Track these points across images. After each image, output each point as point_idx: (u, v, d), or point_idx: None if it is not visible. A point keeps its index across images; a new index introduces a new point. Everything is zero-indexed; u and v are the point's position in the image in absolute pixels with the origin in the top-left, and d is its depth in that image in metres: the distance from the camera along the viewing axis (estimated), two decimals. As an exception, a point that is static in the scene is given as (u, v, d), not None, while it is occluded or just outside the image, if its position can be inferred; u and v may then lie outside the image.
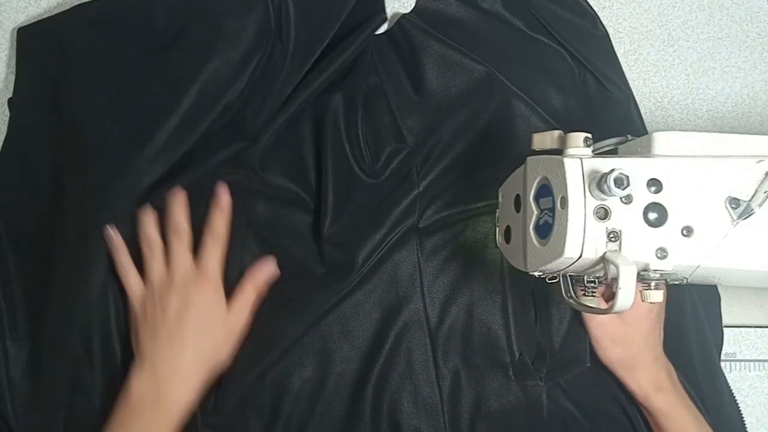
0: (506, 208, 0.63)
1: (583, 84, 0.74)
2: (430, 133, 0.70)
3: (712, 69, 0.80)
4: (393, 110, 0.70)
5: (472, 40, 0.72)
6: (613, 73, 0.74)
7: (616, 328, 0.64)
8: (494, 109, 0.70)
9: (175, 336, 0.59)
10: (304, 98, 0.67)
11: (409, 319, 0.65)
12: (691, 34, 0.81)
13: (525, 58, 0.73)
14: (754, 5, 0.81)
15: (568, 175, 0.50)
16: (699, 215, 0.51)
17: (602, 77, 0.73)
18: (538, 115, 0.70)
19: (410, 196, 0.67)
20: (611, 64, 0.75)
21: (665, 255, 0.50)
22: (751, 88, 0.80)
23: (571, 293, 0.59)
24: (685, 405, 0.64)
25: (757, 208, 0.51)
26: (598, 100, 0.74)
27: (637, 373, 0.64)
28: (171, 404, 0.58)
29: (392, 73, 0.71)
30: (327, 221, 0.65)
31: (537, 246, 0.54)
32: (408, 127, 0.70)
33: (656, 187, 0.51)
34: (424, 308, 0.66)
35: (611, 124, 0.72)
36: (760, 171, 0.52)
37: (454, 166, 0.69)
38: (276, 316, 0.63)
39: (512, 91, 0.70)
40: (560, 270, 0.53)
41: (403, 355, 0.64)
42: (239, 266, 0.64)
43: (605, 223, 0.50)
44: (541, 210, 0.54)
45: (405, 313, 0.65)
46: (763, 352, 0.78)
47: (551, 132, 0.55)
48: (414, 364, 0.64)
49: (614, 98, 0.74)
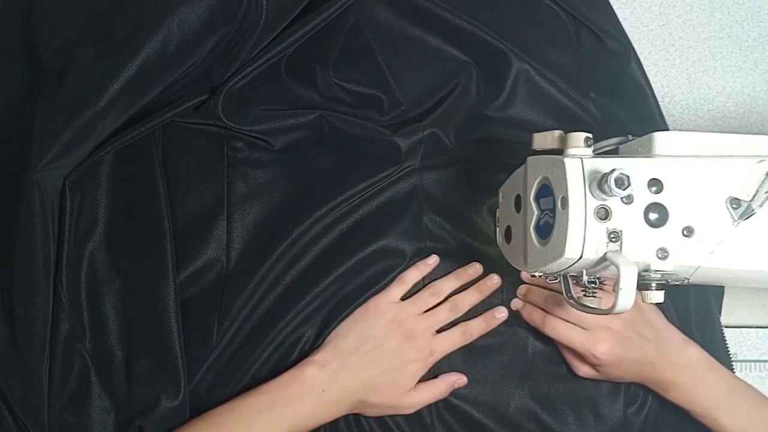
0: (507, 208, 0.62)
1: (577, 40, 0.74)
2: (423, 90, 0.70)
3: (712, 69, 0.80)
4: (383, 69, 0.70)
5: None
6: (609, 26, 0.74)
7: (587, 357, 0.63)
8: (486, 66, 0.71)
9: (372, 367, 0.62)
10: (276, 53, 0.65)
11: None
12: (691, 34, 0.81)
13: (517, 15, 0.73)
14: (755, 5, 0.81)
15: (569, 175, 0.50)
16: (700, 215, 0.51)
17: (598, 30, 0.73)
18: (535, 69, 0.70)
19: (414, 138, 0.68)
20: (606, 16, 0.75)
21: (666, 255, 0.50)
22: (751, 88, 0.80)
23: (572, 293, 0.59)
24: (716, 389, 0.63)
25: (757, 208, 0.51)
26: (594, 55, 0.74)
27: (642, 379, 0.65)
28: (328, 407, 0.61)
29: (379, 34, 0.71)
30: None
31: (537, 246, 0.54)
32: (400, 84, 0.70)
33: (657, 187, 0.51)
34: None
35: (609, 78, 0.73)
36: (761, 171, 0.52)
37: (448, 119, 0.70)
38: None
39: (505, 46, 0.70)
40: (561, 270, 0.53)
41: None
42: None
43: (606, 223, 0.50)
44: (542, 210, 0.54)
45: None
46: (764, 353, 0.78)
47: (551, 132, 0.55)
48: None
49: (612, 51, 0.73)
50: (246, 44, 0.64)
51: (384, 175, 0.67)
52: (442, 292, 0.65)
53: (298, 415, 0.59)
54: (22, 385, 0.59)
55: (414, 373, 0.63)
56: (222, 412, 0.60)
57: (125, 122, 0.63)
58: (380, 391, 0.62)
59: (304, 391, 0.60)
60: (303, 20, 0.65)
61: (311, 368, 0.61)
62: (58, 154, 0.58)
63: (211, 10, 0.60)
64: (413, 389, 0.63)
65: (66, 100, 0.59)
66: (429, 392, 0.64)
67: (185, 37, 0.60)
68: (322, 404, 0.60)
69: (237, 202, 0.65)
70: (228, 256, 0.64)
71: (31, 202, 0.58)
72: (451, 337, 0.65)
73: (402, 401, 0.63)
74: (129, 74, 0.58)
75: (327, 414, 0.61)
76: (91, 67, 0.59)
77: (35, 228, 0.58)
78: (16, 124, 0.63)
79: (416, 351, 0.63)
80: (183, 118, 0.65)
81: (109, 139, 0.63)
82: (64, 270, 0.61)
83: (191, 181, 0.65)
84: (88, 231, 0.63)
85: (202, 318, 0.63)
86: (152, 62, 0.59)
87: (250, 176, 0.66)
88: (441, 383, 0.64)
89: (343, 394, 0.61)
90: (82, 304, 0.62)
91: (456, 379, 0.65)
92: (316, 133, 0.68)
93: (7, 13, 0.65)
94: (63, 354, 0.61)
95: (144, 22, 0.60)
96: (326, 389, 0.60)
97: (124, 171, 0.65)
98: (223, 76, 0.65)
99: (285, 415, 0.59)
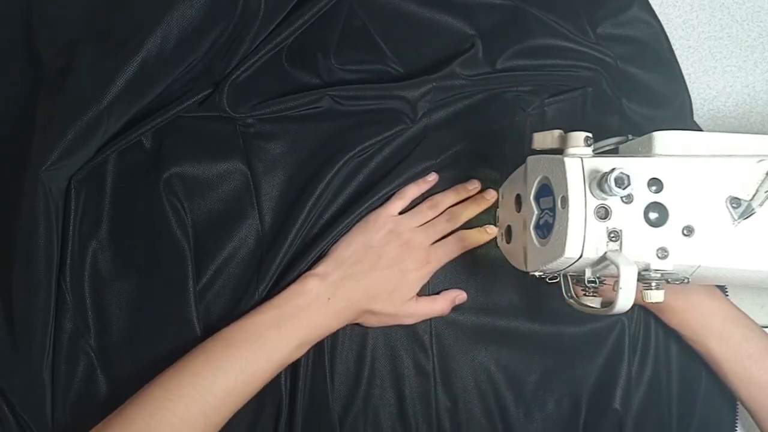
0: (507, 207, 0.63)
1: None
2: (424, 61, 0.71)
3: (712, 68, 0.80)
4: (382, 47, 0.70)
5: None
6: None
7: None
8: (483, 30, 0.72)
9: (373, 276, 0.63)
10: (276, 43, 0.66)
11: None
12: (691, 34, 0.81)
13: None
14: (755, 5, 0.81)
15: (569, 174, 0.50)
16: (700, 215, 0.51)
17: None
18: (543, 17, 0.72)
19: (424, 87, 0.68)
20: None
21: (666, 255, 0.50)
22: (751, 88, 0.80)
23: (572, 293, 0.59)
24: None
25: (757, 207, 0.51)
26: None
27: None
28: (335, 314, 0.62)
29: (373, 14, 0.71)
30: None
31: (537, 246, 0.54)
32: (401, 59, 0.71)
33: (657, 187, 0.51)
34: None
35: (615, 15, 0.74)
36: (761, 171, 0.52)
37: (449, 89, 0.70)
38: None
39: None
40: (561, 270, 0.53)
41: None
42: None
43: (606, 222, 0.50)
44: (542, 210, 0.54)
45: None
46: (764, 352, 0.78)
47: (551, 131, 0.55)
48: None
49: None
50: (246, 37, 0.64)
51: (398, 130, 0.68)
52: (441, 206, 0.67)
53: (308, 326, 0.61)
54: (22, 384, 0.59)
55: (413, 282, 0.64)
56: (231, 332, 0.60)
57: (130, 121, 0.63)
58: (381, 298, 0.63)
59: (309, 301, 0.61)
60: (301, 9, 0.66)
61: (313, 280, 0.62)
62: (63, 153, 0.58)
63: (210, 5, 0.61)
64: (414, 299, 0.65)
65: (68, 100, 0.59)
66: (429, 305, 0.66)
67: (184, 33, 0.60)
68: (329, 312, 0.61)
69: (260, 176, 0.66)
70: (262, 227, 0.65)
71: (35, 202, 0.58)
72: (446, 245, 0.66)
73: (402, 310, 0.64)
74: (130, 72, 0.59)
75: (335, 322, 0.62)
76: (92, 67, 0.60)
77: (38, 228, 0.58)
78: (16, 123, 0.63)
79: (413, 260, 0.64)
80: (188, 112, 0.66)
81: (115, 138, 0.63)
82: (68, 269, 0.61)
83: (211, 164, 0.66)
84: (91, 230, 0.63)
85: (240, 286, 0.64)
86: (152, 59, 0.60)
87: (266, 150, 0.67)
88: (441, 299, 0.66)
89: (348, 302, 0.62)
90: (87, 303, 0.62)
91: (456, 295, 0.67)
92: (326, 105, 0.68)
93: (7, 13, 0.65)
94: (68, 353, 0.61)
95: (143, 20, 0.60)
96: (331, 297, 0.62)
97: (130, 169, 0.65)
98: (225, 70, 0.65)
99: (294, 326, 0.60)
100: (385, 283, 0.63)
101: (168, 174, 0.64)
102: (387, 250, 0.64)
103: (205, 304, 0.64)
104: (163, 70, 0.62)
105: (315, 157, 0.67)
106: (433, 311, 0.66)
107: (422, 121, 0.69)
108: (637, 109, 0.73)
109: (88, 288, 0.62)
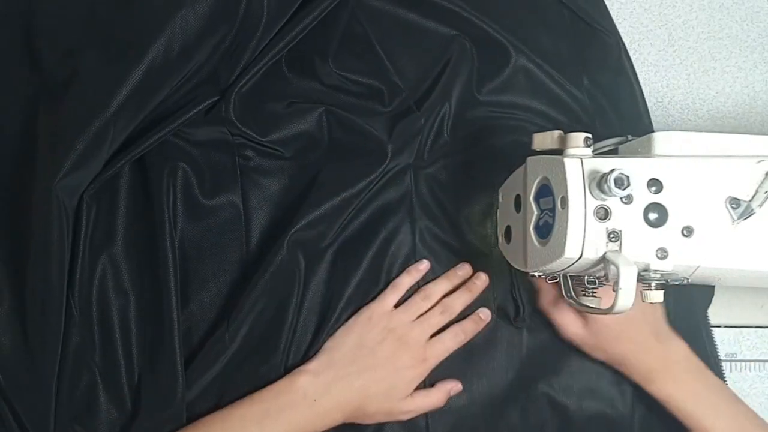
0: (506, 208, 0.63)
1: (573, 29, 0.74)
2: (420, 71, 0.71)
3: (712, 69, 0.80)
4: (381, 56, 0.70)
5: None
6: (602, 20, 0.75)
7: (585, 337, 0.64)
8: (483, 51, 0.71)
9: (367, 376, 0.61)
10: (279, 49, 0.65)
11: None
12: (691, 34, 0.81)
13: (515, 1, 0.74)
14: (755, 5, 0.81)
15: (569, 175, 0.50)
16: (699, 215, 0.51)
17: (593, 22, 0.74)
18: (526, 56, 0.71)
19: (413, 128, 0.68)
20: (600, 11, 0.76)
21: (665, 255, 0.50)
22: (751, 88, 0.80)
23: (572, 293, 0.59)
24: (702, 389, 0.63)
25: (757, 208, 0.51)
26: (587, 45, 0.74)
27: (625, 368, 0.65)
28: (320, 416, 0.60)
29: (375, 21, 0.71)
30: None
31: (537, 246, 0.54)
32: (398, 69, 0.70)
33: (656, 187, 0.51)
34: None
35: (599, 68, 0.74)
36: (760, 171, 0.52)
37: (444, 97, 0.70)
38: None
39: (503, 36, 0.71)
40: (560, 270, 0.53)
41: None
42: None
43: (605, 223, 0.50)
44: (542, 210, 0.54)
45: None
46: (764, 353, 0.78)
47: (551, 132, 0.55)
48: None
49: (605, 44, 0.74)
50: (249, 43, 0.64)
51: (374, 177, 0.67)
52: (434, 296, 0.65)
53: (290, 424, 0.59)
54: (31, 395, 0.59)
55: (409, 380, 0.63)
56: (213, 421, 0.59)
57: (137, 131, 0.62)
58: (376, 399, 0.62)
59: (296, 399, 0.60)
60: (302, 14, 0.66)
61: (304, 377, 0.61)
62: (75, 165, 0.58)
63: (212, 9, 0.60)
64: (410, 396, 0.63)
65: (74, 110, 0.58)
66: (425, 400, 0.64)
67: (188, 37, 0.60)
68: (313, 413, 0.60)
69: (253, 210, 0.65)
70: (247, 257, 0.65)
71: (49, 216, 0.57)
72: (443, 342, 0.65)
73: (398, 408, 0.63)
74: (135, 79, 0.58)
75: (320, 423, 0.61)
76: (97, 74, 0.59)
77: (51, 241, 0.58)
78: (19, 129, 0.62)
79: (410, 358, 0.63)
80: (193, 126, 0.65)
81: (125, 148, 0.62)
82: (77, 283, 0.61)
83: (206, 197, 0.65)
84: (102, 245, 0.63)
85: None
86: (157, 65, 0.59)
87: (262, 185, 0.66)
88: (437, 392, 0.64)
89: (336, 404, 0.61)
90: (93, 318, 0.62)
91: (452, 386, 0.65)
92: (320, 135, 0.68)
93: (7, 14, 0.65)
94: (72, 367, 0.61)
95: (146, 24, 0.60)
96: (318, 399, 0.60)
97: (140, 188, 0.64)
98: (230, 77, 0.65)
99: (276, 424, 0.59)
100: (379, 382, 0.62)
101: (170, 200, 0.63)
102: (381, 347, 0.62)
103: (188, 326, 0.63)
104: (168, 75, 0.61)
105: (297, 203, 0.66)
106: (428, 405, 0.64)
107: (406, 178, 0.69)
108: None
109: (95, 303, 0.62)
